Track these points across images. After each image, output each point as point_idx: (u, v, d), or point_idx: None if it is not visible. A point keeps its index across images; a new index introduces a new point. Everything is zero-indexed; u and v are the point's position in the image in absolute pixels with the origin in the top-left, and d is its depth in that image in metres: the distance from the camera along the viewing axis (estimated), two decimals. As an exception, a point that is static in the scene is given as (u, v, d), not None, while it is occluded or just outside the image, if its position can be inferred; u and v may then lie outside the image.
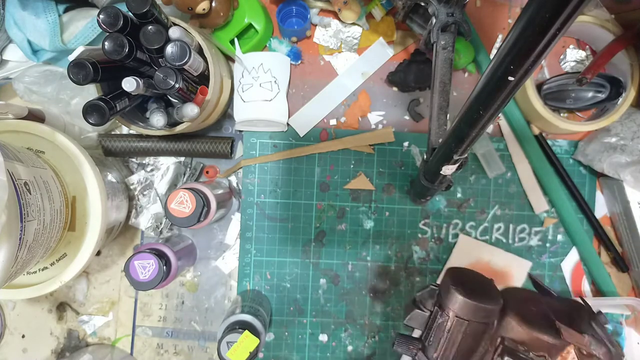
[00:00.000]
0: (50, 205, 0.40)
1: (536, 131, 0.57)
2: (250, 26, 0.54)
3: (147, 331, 0.58)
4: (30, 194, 0.37)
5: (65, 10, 0.51)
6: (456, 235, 0.58)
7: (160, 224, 0.57)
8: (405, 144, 0.58)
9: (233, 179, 0.58)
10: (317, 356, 0.57)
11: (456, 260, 0.58)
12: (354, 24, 0.57)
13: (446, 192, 0.58)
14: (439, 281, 0.56)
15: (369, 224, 0.58)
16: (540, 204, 0.58)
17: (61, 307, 0.57)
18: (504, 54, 0.24)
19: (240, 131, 0.58)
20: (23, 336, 0.57)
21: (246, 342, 0.44)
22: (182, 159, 0.58)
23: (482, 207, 0.58)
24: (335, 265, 0.58)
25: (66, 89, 0.53)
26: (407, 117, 0.58)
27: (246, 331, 0.44)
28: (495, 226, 0.58)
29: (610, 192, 0.58)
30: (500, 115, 0.58)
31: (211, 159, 0.58)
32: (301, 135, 0.58)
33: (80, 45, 0.44)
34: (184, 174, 0.57)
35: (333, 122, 0.58)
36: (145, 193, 0.57)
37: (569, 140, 0.58)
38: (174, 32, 0.43)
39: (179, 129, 0.49)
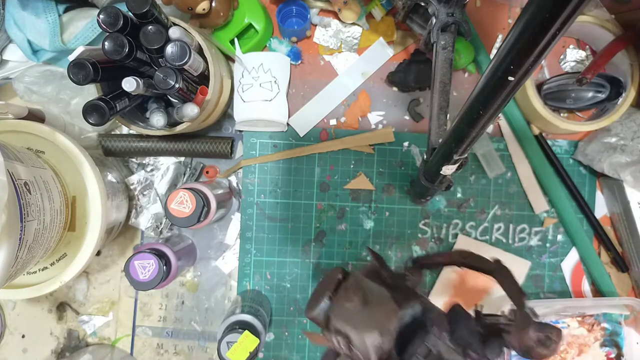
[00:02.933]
0: (50, 205, 0.40)
1: (536, 131, 0.57)
2: (250, 26, 0.54)
3: (147, 331, 0.58)
4: (30, 194, 0.37)
5: (65, 10, 0.51)
6: (456, 235, 0.58)
7: (160, 224, 0.57)
8: (405, 144, 0.58)
9: (233, 179, 0.58)
10: (317, 356, 0.57)
11: (456, 260, 0.58)
12: (354, 24, 0.57)
13: (446, 192, 0.58)
14: None
15: (369, 224, 0.58)
16: (540, 204, 0.58)
17: (61, 307, 0.57)
18: (504, 54, 0.24)
19: (240, 131, 0.58)
20: (23, 336, 0.57)
21: (246, 342, 0.44)
22: (182, 159, 0.57)
23: (482, 207, 0.58)
24: (335, 265, 0.58)
25: (66, 89, 0.53)
26: (407, 117, 0.58)
27: (246, 331, 0.44)
28: (495, 226, 0.58)
29: (610, 192, 0.58)
30: (500, 115, 0.58)
31: (211, 159, 0.58)
32: (301, 135, 0.58)
33: (80, 45, 0.44)
34: (184, 174, 0.57)
35: (333, 122, 0.58)
36: (145, 193, 0.57)
37: (569, 140, 0.58)
38: (174, 32, 0.43)
39: (179, 129, 0.49)
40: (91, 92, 0.51)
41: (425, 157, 0.43)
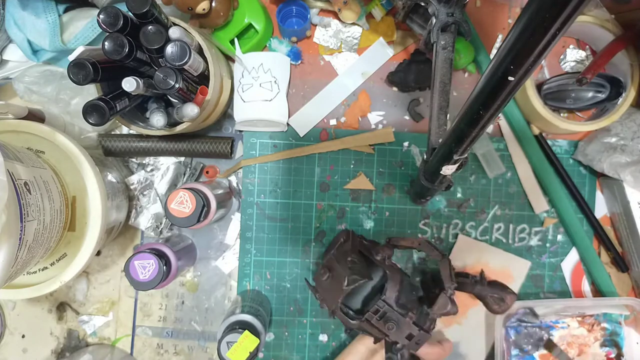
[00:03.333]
0: (50, 205, 0.40)
1: (536, 131, 0.57)
2: (250, 26, 0.54)
3: (147, 331, 0.58)
4: (30, 194, 0.37)
5: (65, 10, 0.51)
6: (456, 235, 0.58)
7: (160, 224, 0.57)
8: (405, 144, 0.58)
9: (233, 179, 0.58)
10: (317, 356, 0.57)
11: (455, 261, 0.58)
12: (354, 24, 0.57)
13: (446, 192, 0.58)
14: None
15: (369, 224, 0.58)
16: (540, 204, 0.58)
17: (61, 307, 0.57)
18: (504, 54, 0.24)
19: (240, 131, 0.58)
20: (23, 336, 0.57)
21: (246, 342, 0.44)
22: (182, 159, 0.57)
23: (482, 207, 0.58)
24: (335, 265, 0.58)
25: (66, 89, 0.53)
26: (407, 117, 0.58)
27: (246, 331, 0.44)
28: (495, 226, 0.58)
29: (610, 192, 0.58)
30: (500, 115, 0.58)
31: (211, 159, 0.58)
32: (301, 135, 0.58)
33: (80, 45, 0.44)
34: (184, 174, 0.57)
35: (333, 122, 0.58)
36: (145, 193, 0.57)
37: (569, 140, 0.58)
38: (174, 32, 0.43)
39: (179, 129, 0.49)
40: (91, 92, 0.51)
41: (425, 157, 0.43)
